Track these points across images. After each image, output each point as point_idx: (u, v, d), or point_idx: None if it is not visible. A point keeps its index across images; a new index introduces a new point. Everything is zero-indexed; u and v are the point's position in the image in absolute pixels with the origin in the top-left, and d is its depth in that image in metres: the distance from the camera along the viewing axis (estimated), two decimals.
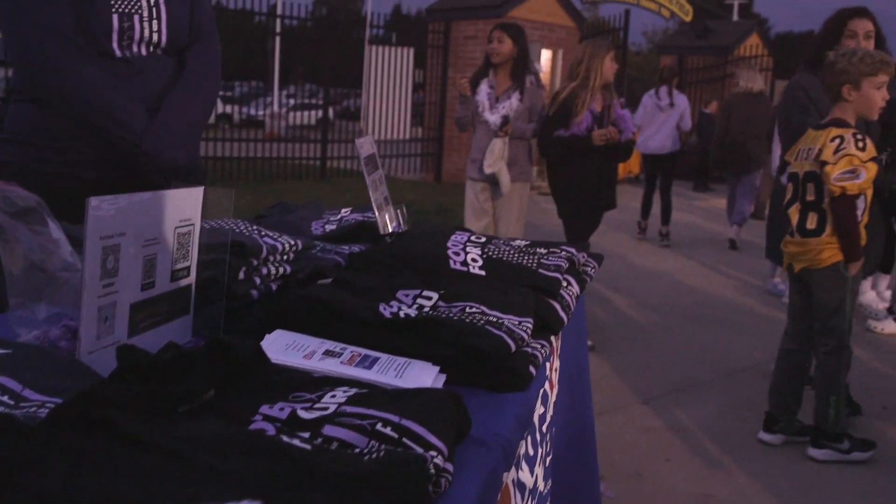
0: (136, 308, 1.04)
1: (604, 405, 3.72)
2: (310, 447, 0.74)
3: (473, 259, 1.51)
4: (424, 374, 1.07)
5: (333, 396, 0.88)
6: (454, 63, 12.56)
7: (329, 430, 0.80)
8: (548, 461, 1.42)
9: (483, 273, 1.48)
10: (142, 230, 1.03)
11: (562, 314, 1.41)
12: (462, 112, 4.94)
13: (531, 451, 1.24)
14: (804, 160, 3.22)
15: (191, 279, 1.16)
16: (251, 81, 19.44)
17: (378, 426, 0.80)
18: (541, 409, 1.32)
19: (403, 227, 1.83)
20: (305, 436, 0.79)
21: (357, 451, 0.77)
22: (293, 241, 1.41)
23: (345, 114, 18.89)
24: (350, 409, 0.84)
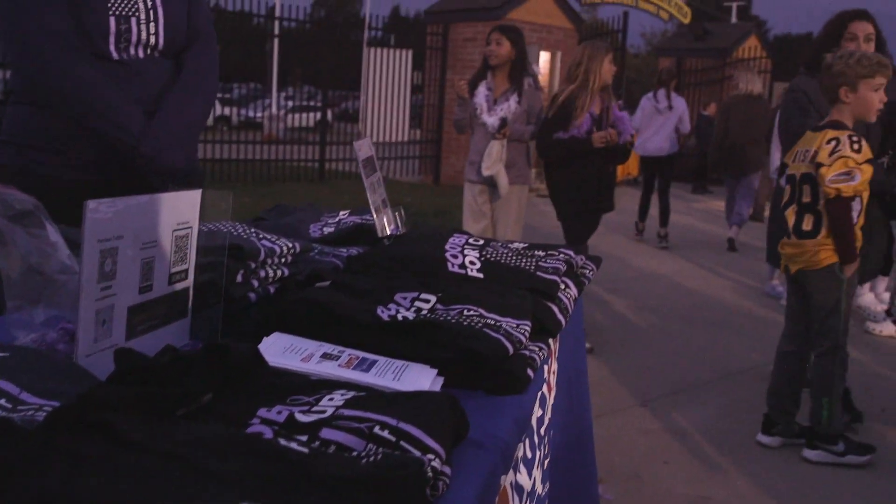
0: (134, 311, 1.04)
1: (602, 407, 3.72)
2: (307, 450, 0.74)
3: (471, 262, 1.51)
4: (422, 377, 1.07)
5: (331, 399, 0.88)
6: (453, 65, 12.57)
7: (327, 434, 0.80)
8: (546, 464, 1.42)
9: (481, 276, 1.48)
10: (139, 233, 1.03)
11: (560, 317, 1.42)
12: (460, 114, 4.95)
13: (529, 454, 1.24)
14: (801, 162, 3.23)
15: (188, 282, 1.16)
16: (249, 83, 19.43)
17: (376, 429, 0.80)
18: (539, 412, 1.32)
19: (402, 230, 1.84)
20: (303, 439, 0.79)
21: (355, 455, 0.77)
22: (291, 244, 1.41)
23: (343, 116, 18.88)
24: (348, 413, 0.84)
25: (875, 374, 4.47)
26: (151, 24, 1.98)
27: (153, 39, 1.99)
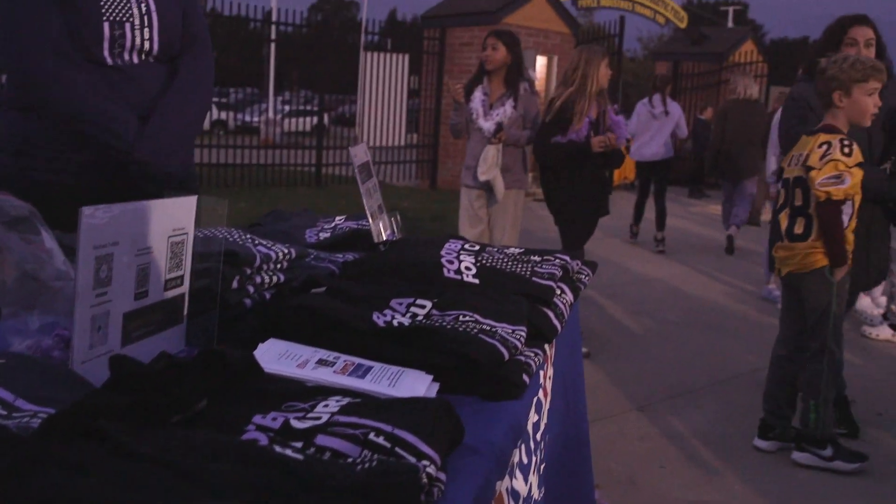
0: (130, 317, 1.04)
1: (598, 412, 3.72)
2: (302, 457, 0.75)
3: (467, 267, 1.51)
4: (418, 383, 1.07)
5: (326, 406, 0.88)
6: (449, 69, 12.58)
7: (322, 440, 0.80)
8: (542, 469, 1.42)
9: (477, 281, 1.48)
10: (135, 239, 1.03)
11: (555, 322, 1.42)
12: (456, 119, 4.95)
13: (525, 460, 1.24)
14: (795, 166, 3.25)
15: (184, 288, 1.16)
16: (246, 88, 19.45)
17: (371, 435, 0.80)
18: (535, 418, 1.32)
19: (398, 235, 1.84)
20: (298, 445, 0.79)
21: (350, 461, 0.77)
22: (287, 250, 1.41)
23: (340, 120, 18.91)
24: (343, 419, 0.84)
25: (871, 378, 4.48)
26: (146, 30, 1.98)
27: (148, 45, 1.99)
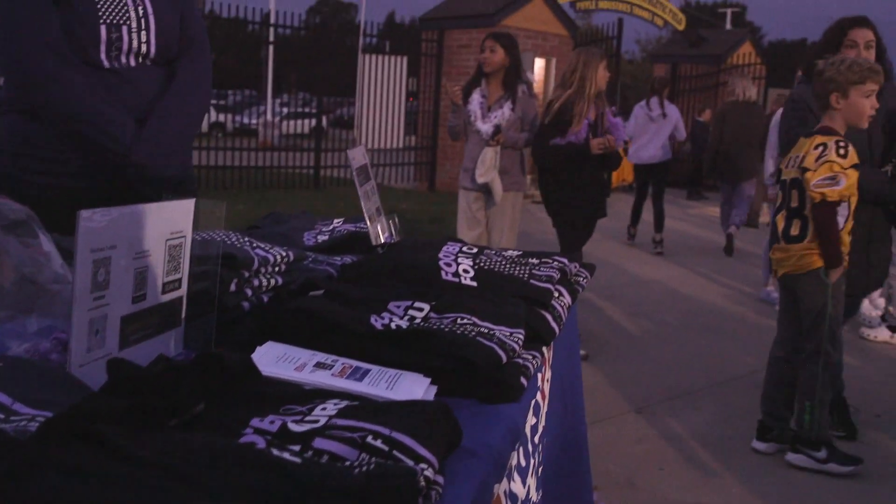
0: (127, 321, 1.04)
1: (597, 414, 3.72)
2: (300, 460, 0.74)
3: (465, 270, 1.51)
4: (416, 386, 1.07)
5: (324, 409, 0.88)
6: (448, 72, 12.59)
7: (319, 443, 0.80)
8: (540, 472, 1.42)
9: (475, 284, 1.48)
10: (133, 242, 1.03)
11: (553, 325, 1.42)
12: (454, 121, 4.95)
13: (523, 462, 1.24)
14: (792, 168, 3.26)
15: (182, 291, 1.16)
16: (244, 90, 19.44)
17: (369, 439, 0.80)
18: (533, 420, 1.32)
19: (396, 238, 1.84)
20: (296, 449, 0.79)
21: (347, 464, 0.77)
22: (285, 253, 1.41)
23: (338, 122, 18.90)
24: (341, 422, 0.84)
25: (869, 380, 4.48)
26: (143, 33, 1.97)
27: (145, 48, 1.99)
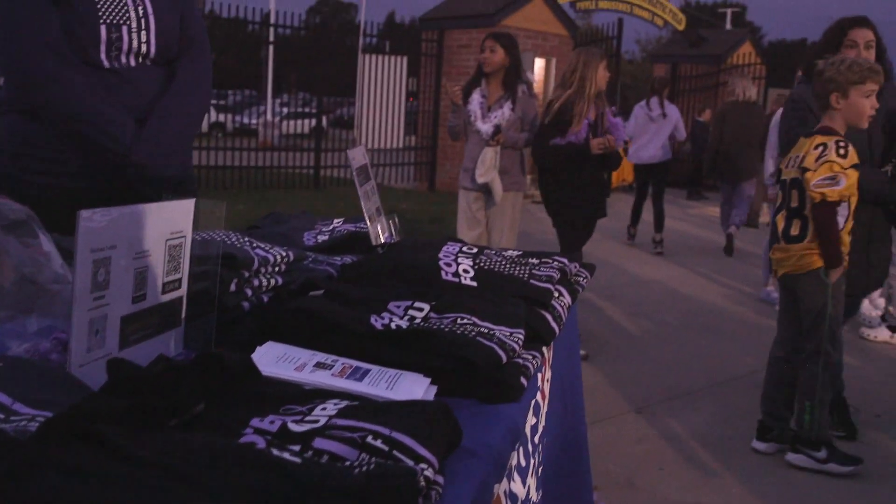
0: (127, 321, 1.04)
1: (597, 414, 3.72)
2: (300, 460, 0.74)
3: (465, 270, 1.51)
4: (416, 386, 1.07)
5: (324, 409, 0.88)
6: (448, 72, 12.59)
7: (319, 443, 0.80)
8: (540, 472, 1.42)
9: (475, 284, 1.48)
10: (133, 242, 1.03)
11: (553, 325, 1.42)
12: (454, 121, 4.95)
13: (523, 462, 1.24)
14: (792, 168, 3.26)
15: (182, 291, 1.16)
16: (244, 90, 19.44)
17: (369, 439, 0.80)
18: (533, 420, 1.32)
19: (396, 238, 1.84)
20: (296, 449, 0.79)
21: (347, 464, 0.77)
22: (285, 253, 1.41)
23: (338, 122, 18.90)
24: (341, 422, 0.84)
25: (869, 380, 4.48)
26: (143, 33, 1.97)
27: (145, 48, 1.99)
